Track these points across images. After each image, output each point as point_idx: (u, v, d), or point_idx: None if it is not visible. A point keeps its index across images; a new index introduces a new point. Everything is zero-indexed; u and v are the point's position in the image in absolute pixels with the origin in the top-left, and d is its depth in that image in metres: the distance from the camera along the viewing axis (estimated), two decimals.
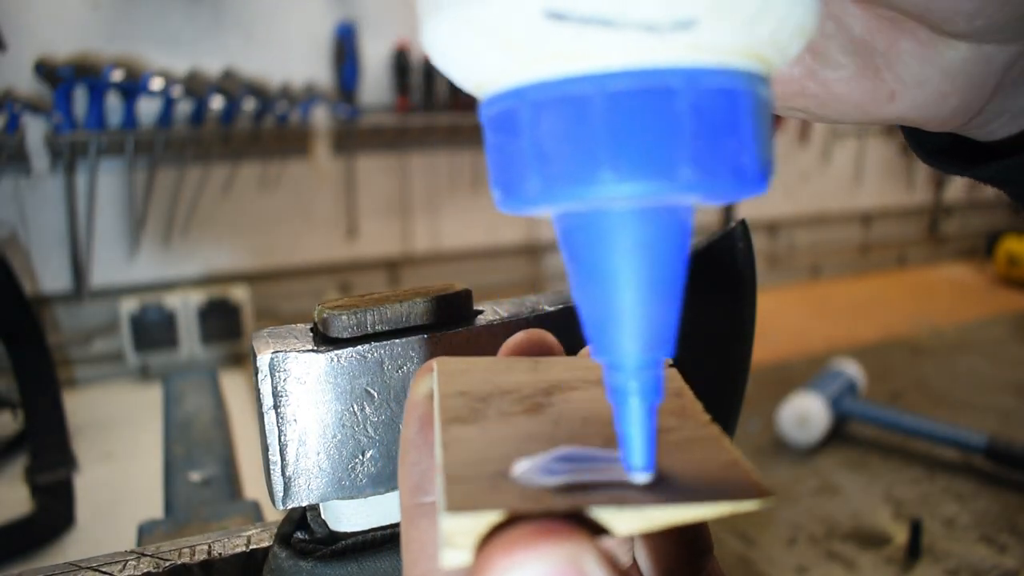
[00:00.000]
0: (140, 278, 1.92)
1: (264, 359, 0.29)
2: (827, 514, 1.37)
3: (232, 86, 1.78)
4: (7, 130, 1.60)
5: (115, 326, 1.82)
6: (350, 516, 0.32)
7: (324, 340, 0.31)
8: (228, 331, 1.84)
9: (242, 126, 1.87)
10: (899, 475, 1.50)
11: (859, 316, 2.59)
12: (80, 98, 1.71)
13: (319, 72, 2.01)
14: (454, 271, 2.33)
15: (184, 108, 1.81)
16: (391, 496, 0.32)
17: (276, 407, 0.29)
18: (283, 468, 0.30)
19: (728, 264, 0.37)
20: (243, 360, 1.87)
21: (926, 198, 3.30)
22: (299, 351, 0.29)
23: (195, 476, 1.10)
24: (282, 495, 0.30)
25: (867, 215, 3.18)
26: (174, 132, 1.80)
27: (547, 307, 0.34)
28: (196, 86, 1.74)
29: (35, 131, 1.71)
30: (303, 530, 0.33)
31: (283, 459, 0.30)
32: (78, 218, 1.79)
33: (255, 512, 0.83)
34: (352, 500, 0.31)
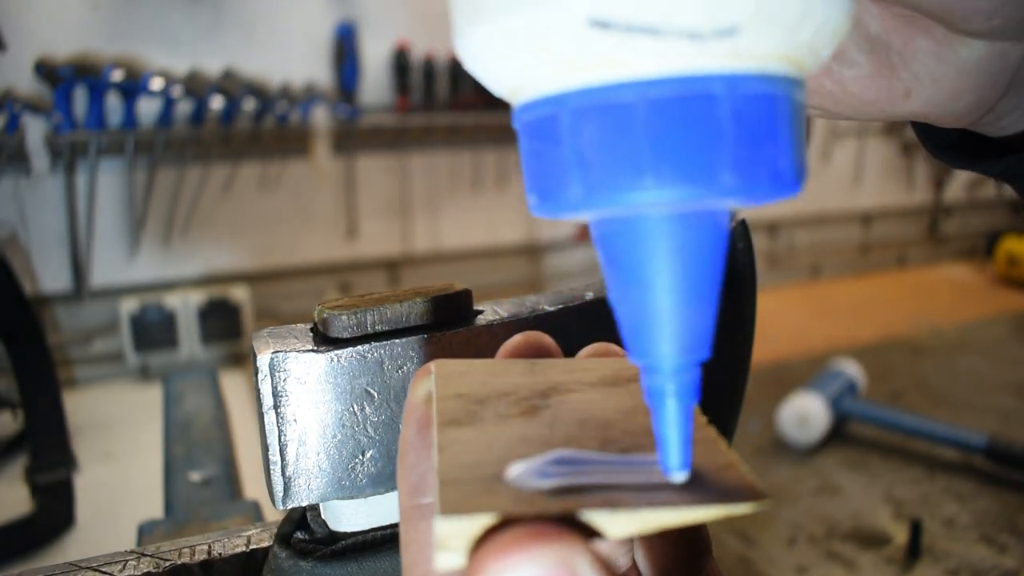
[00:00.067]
0: (140, 278, 1.92)
1: (264, 359, 0.29)
2: (827, 514, 1.37)
3: (232, 86, 1.78)
4: (7, 130, 1.61)
5: (115, 326, 1.82)
6: (350, 516, 0.32)
7: (324, 340, 0.31)
8: (228, 331, 1.84)
9: (242, 126, 1.87)
10: (899, 475, 1.50)
11: (859, 316, 2.59)
12: (80, 98, 1.71)
13: (319, 72, 2.01)
14: (454, 271, 2.33)
15: (184, 108, 1.81)
16: (391, 496, 0.32)
17: (276, 407, 0.29)
18: (283, 468, 0.30)
19: (728, 264, 0.37)
20: (243, 360, 1.87)
21: (926, 198, 3.30)
22: (299, 351, 0.29)
23: (195, 476, 1.10)
24: (282, 495, 0.30)
25: (867, 215, 3.18)
26: (174, 132, 1.80)
27: (547, 307, 0.34)
28: (196, 86, 1.74)
29: (35, 131, 1.71)
30: (303, 530, 0.33)
31: (283, 459, 0.30)
32: (78, 218, 1.79)
33: (255, 512, 0.83)
34: (352, 500, 0.31)
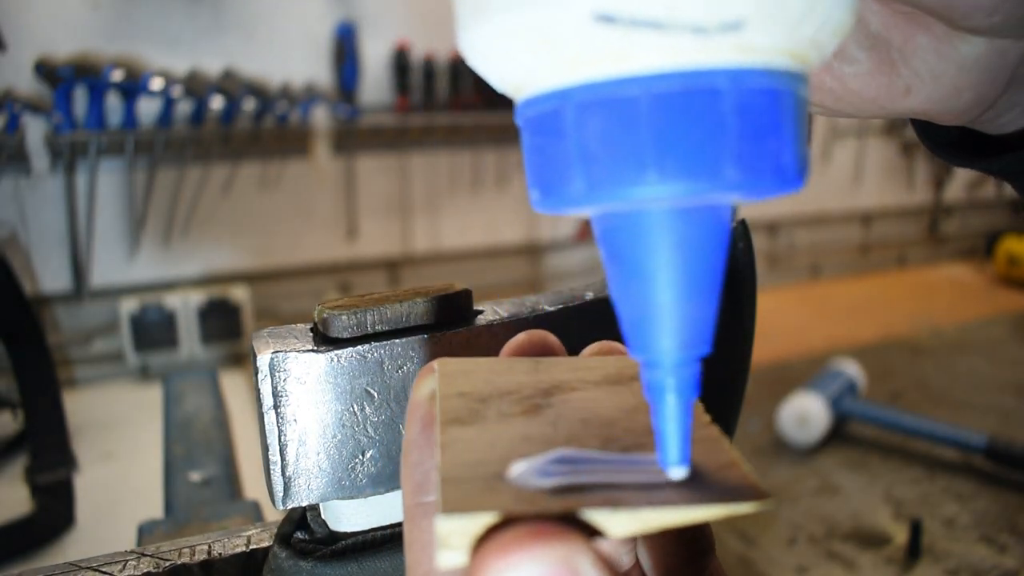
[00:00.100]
0: (140, 278, 1.92)
1: (264, 359, 0.29)
2: (827, 514, 1.37)
3: (232, 86, 1.78)
4: (7, 130, 1.60)
5: (115, 326, 1.82)
6: (350, 516, 0.32)
7: (324, 340, 0.31)
8: (228, 331, 1.84)
9: (242, 126, 1.87)
10: (899, 475, 1.50)
11: (859, 316, 2.59)
12: (80, 98, 1.71)
13: (319, 72, 2.01)
14: (454, 271, 2.33)
15: (184, 108, 1.81)
16: (391, 496, 0.32)
17: (276, 407, 0.29)
18: (283, 468, 0.30)
19: (728, 264, 0.37)
20: (243, 360, 1.87)
21: (926, 198, 3.30)
22: (299, 351, 0.29)
23: (195, 476, 1.10)
24: (282, 495, 0.30)
25: (867, 215, 3.18)
26: (174, 132, 1.80)
27: (547, 307, 0.34)
28: (196, 86, 1.74)
29: (35, 131, 1.71)
30: (303, 530, 0.33)
31: (283, 459, 0.30)
32: (78, 218, 1.79)
33: (255, 512, 0.83)
34: (352, 500, 0.31)
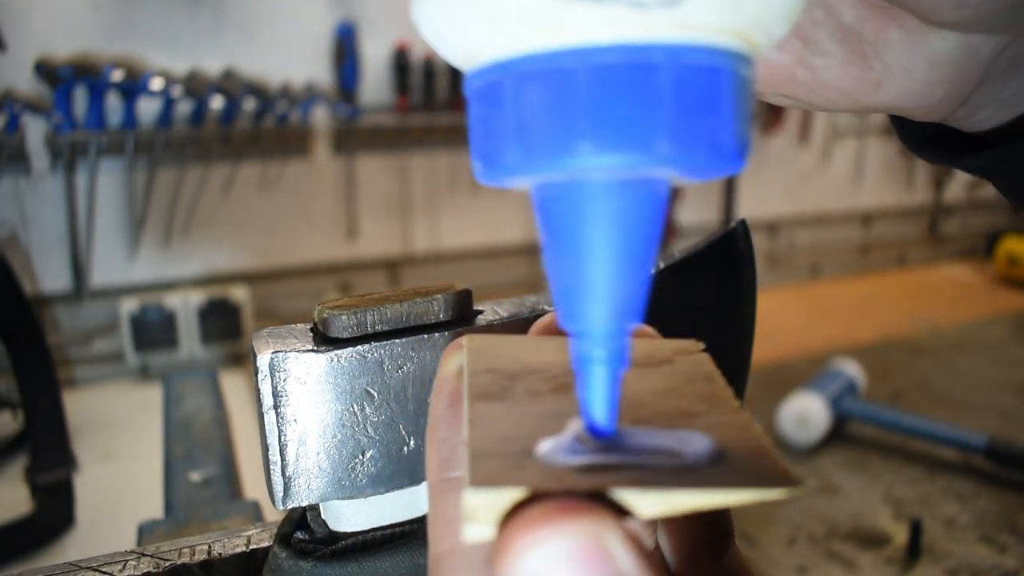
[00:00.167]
0: (140, 278, 1.92)
1: (264, 359, 0.29)
2: (827, 514, 1.37)
3: (232, 86, 1.78)
4: (7, 130, 1.60)
5: (115, 326, 1.82)
6: (350, 516, 0.32)
7: (324, 340, 0.31)
8: (228, 331, 1.84)
9: (242, 126, 1.87)
10: (899, 475, 1.50)
11: (859, 316, 2.59)
12: (80, 98, 1.71)
13: (319, 72, 2.01)
14: (454, 271, 2.33)
15: (184, 108, 1.81)
16: (391, 496, 0.32)
17: (276, 407, 0.29)
18: (283, 468, 0.30)
19: (728, 264, 0.37)
20: (243, 360, 1.87)
21: (926, 198, 3.30)
22: (299, 351, 0.29)
23: (195, 476, 1.10)
24: (282, 495, 0.30)
25: (867, 215, 3.18)
26: (174, 132, 1.80)
27: (547, 307, 0.34)
28: (196, 86, 1.74)
29: (35, 131, 1.71)
30: (303, 530, 0.33)
31: (283, 459, 0.30)
32: (78, 218, 1.79)
33: (255, 512, 0.83)
34: (352, 500, 0.31)
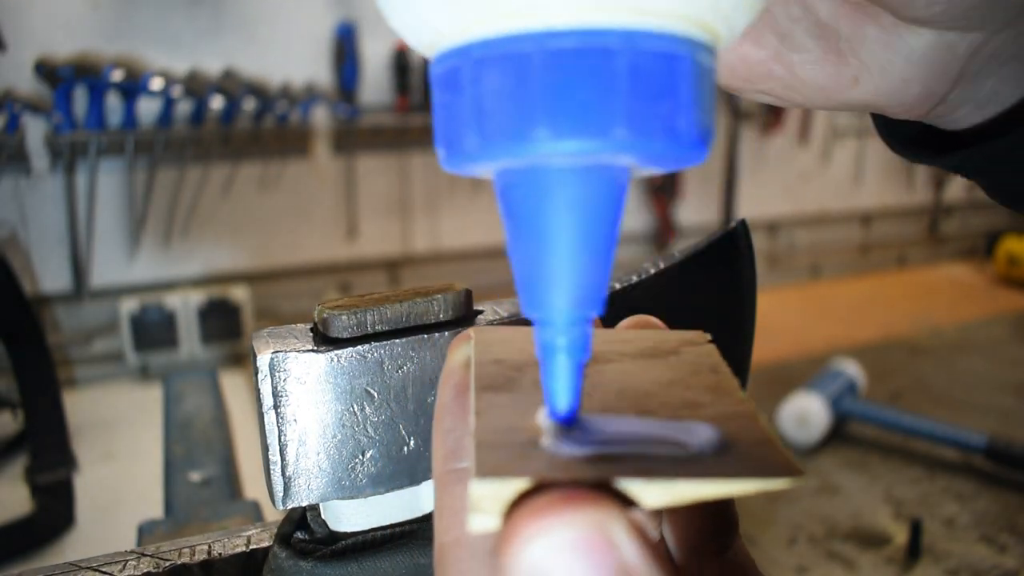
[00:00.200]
0: (140, 278, 1.92)
1: (264, 359, 0.29)
2: (827, 514, 1.37)
3: (232, 86, 1.78)
4: (7, 130, 1.60)
5: (115, 326, 1.82)
6: (350, 516, 0.32)
7: (324, 340, 0.31)
8: (228, 331, 1.84)
9: (242, 126, 1.87)
10: (899, 475, 1.50)
11: (859, 316, 2.59)
12: (80, 98, 1.71)
13: (319, 72, 2.01)
14: (454, 271, 2.33)
15: (184, 108, 1.81)
16: (391, 496, 0.32)
17: (276, 407, 0.29)
18: (283, 468, 0.30)
19: (728, 264, 0.37)
20: (243, 360, 1.87)
21: (926, 198, 3.30)
22: (299, 351, 0.29)
23: (195, 476, 1.10)
24: (282, 495, 0.30)
25: (867, 215, 3.18)
26: (174, 132, 1.80)
27: None
28: (196, 86, 1.74)
29: (35, 131, 1.71)
30: (303, 530, 0.33)
31: (283, 459, 0.30)
32: (78, 218, 1.79)
33: (255, 512, 0.83)
34: (352, 500, 0.31)
